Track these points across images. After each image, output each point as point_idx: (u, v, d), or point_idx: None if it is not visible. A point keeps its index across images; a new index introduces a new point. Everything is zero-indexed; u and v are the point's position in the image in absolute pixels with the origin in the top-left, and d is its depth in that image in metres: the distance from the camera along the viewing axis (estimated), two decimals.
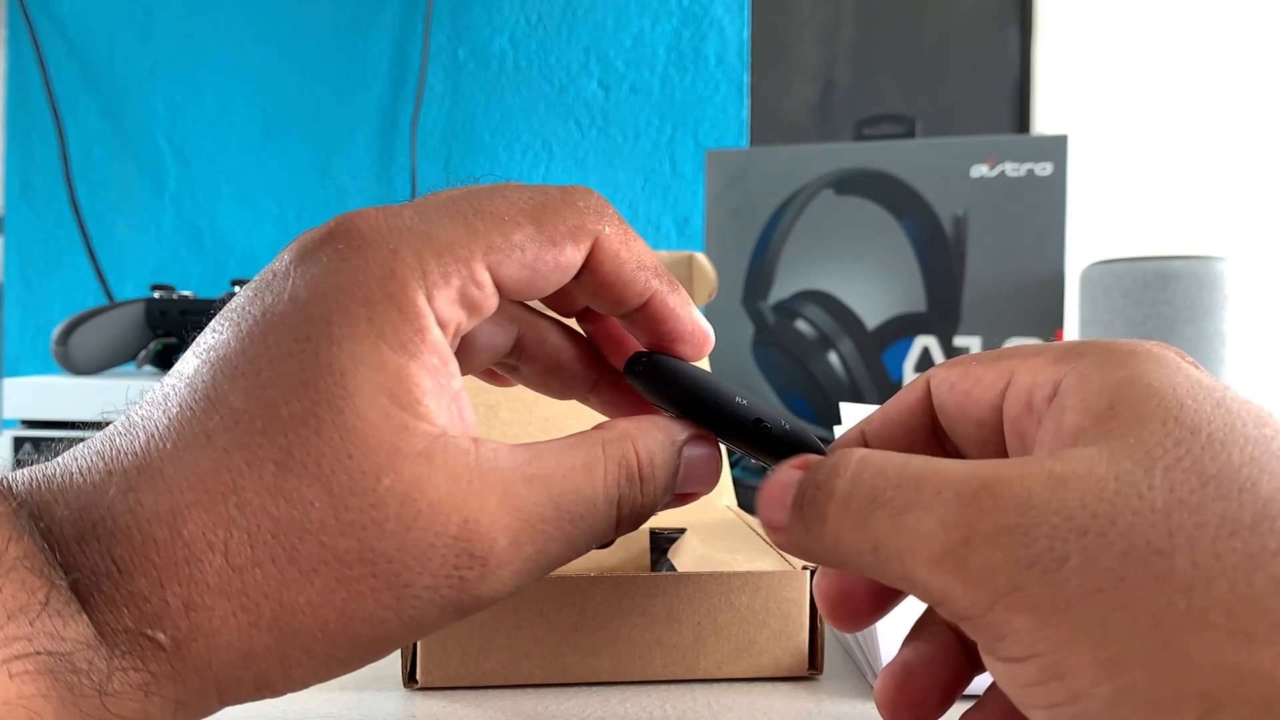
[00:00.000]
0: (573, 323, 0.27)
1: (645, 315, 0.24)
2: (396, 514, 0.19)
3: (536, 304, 0.27)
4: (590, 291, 0.24)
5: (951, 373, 0.23)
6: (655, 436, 0.23)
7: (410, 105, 1.16)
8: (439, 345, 0.20)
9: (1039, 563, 0.17)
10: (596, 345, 0.27)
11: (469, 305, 0.21)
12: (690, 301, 0.25)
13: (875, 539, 0.19)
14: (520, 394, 0.36)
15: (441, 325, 0.20)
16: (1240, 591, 0.16)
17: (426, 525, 0.19)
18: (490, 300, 0.22)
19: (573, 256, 0.22)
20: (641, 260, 0.24)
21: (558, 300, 0.26)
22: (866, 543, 0.19)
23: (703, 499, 0.48)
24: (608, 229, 0.23)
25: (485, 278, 0.21)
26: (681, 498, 0.24)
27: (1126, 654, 0.16)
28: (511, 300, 0.23)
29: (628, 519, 0.22)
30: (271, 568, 0.18)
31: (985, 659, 0.18)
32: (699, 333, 0.25)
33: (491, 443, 0.20)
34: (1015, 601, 0.17)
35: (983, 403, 0.22)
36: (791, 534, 0.21)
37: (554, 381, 0.27)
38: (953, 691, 0.23)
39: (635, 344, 0.26)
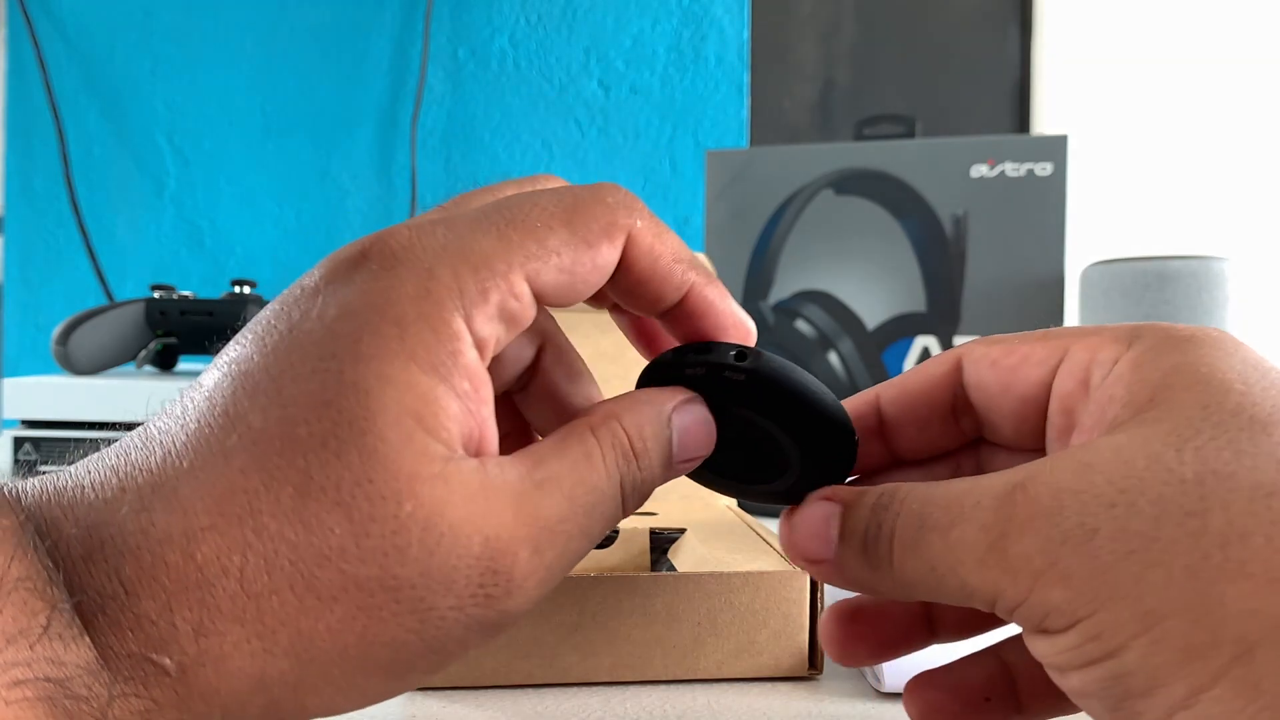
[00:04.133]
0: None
1: (684, 311, 0.24)
2: (419, 540, 0.18)
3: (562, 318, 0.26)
4: (626, 289, 0.23)
5: (992, 349, 0.23)
6: (641, 410, 0.22)
7: (410, 105, 1.16)
8: (473, 370, 0.20)
9: (1070, 538, 0.17)
10: (631, 340, 0.26)
11: (508, 319, 0.21)
12: (729, 294, 0.24)
13: (931, 560, 0.20)
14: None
15: (480, 345, 0.20)
16: (1278, 545, 0.16)
17: (450, 548, 0.18)
18: (528, 311, 0.21)
19: (609, 255, 0.22)
20: (677, 253, 0.23)
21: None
22: (924, 565, 0.20)
23: (703, 499, 0.48)
24: (640, 223, 0.22)
25: (524, 289, 0.21)
26: (686, 464, 0.23)
27: (1163, 605, 0.16)
28: (546, 306, 0.22)
29: (631, 497, 0.22)
30: (289, 595, 0.18)
31: (1029, 642, 0.19)
32: (741, 326, 0.24)
33: (495, 458, 0.20)
34: (1052, 577, 0.17)
35: (1031, 379, 0.22)
36: (847, 569, 0.22)
37: (549, 411, 0.26)
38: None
39: (669, 341, 0.25)
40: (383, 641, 0.18)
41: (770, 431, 0.23)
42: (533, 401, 0.26)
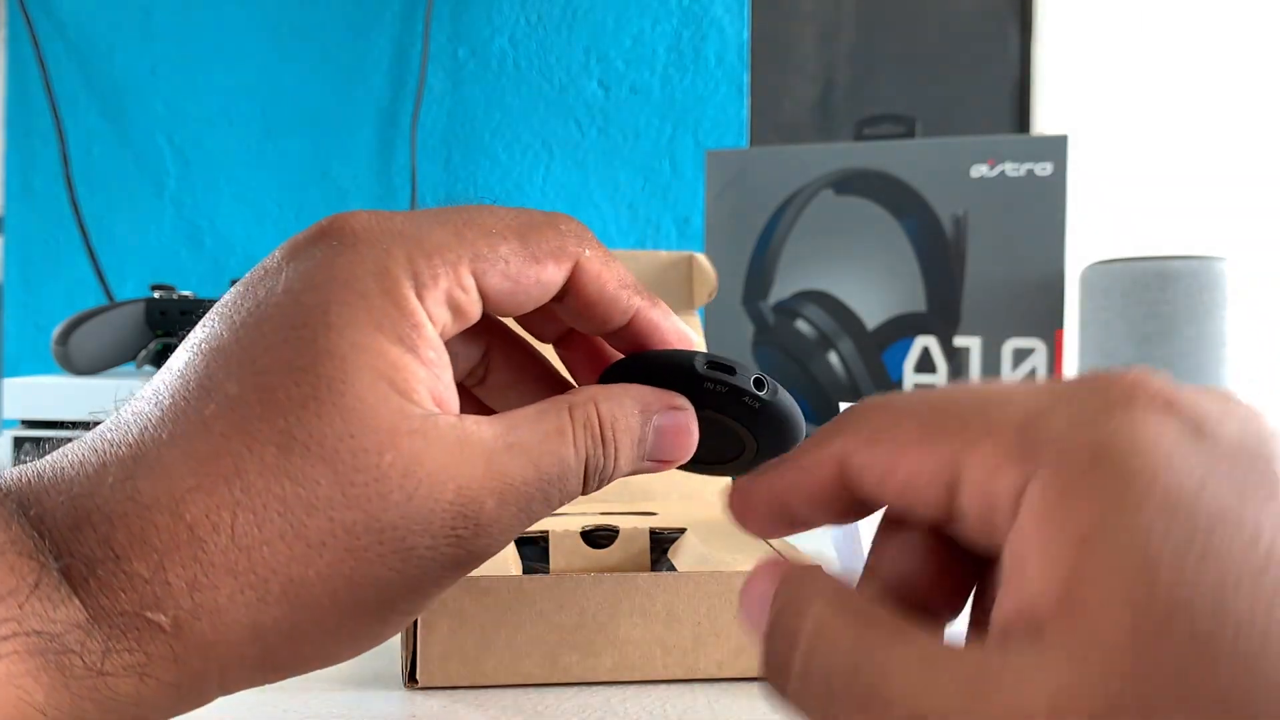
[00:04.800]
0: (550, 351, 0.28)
1: (631, 331, 0.25)
2: (399, 486, 0.20)
3: (513, 325, 0.27)
4: (575, 312, 0.25)
5: (874, 456, 0.19)
6: (622, 403, 0.24)
7: (410, 105, 1.16)
8: (434, 341, 0.21)
9: None
10: (570, 370, 0.28)
11: (454, 308, 0.22)
12: (671, 313, 0.26)
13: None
14: None
15: (432, 323, 0.21)
16: None
17: (427, 495, 0.20)
18: (474, 307, 0.22)
19: (554, 275, 0.23)
20: (622, 279, 0.25)
21: (538, 324, 0.27)
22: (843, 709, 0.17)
23: (703, 499, 0.48)
24: (589, 252, 0.24)
25: (470, 283, 0.22)
26: (658, 464, 0.25)
27: None
28: (491, 313, 0.24)
29: (592, 478, 0.23)
30: (280, 545, 0.19)
31: None
32: (685, 341, 0.26)
33: (472, 417, 0.22)
34: None
35: (929, 502, 0.18)
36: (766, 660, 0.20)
37: (514, 398, 0.27)
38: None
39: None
40: (369, 582, 0.20)
41: (740, 435, 0.26)
42: (494, 393, 0.27)
